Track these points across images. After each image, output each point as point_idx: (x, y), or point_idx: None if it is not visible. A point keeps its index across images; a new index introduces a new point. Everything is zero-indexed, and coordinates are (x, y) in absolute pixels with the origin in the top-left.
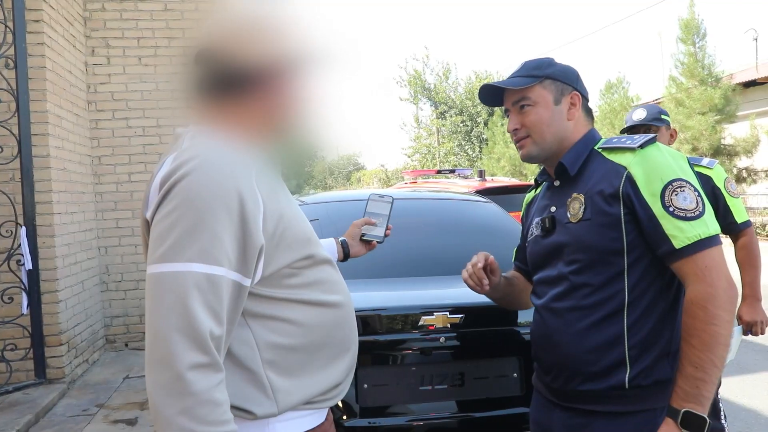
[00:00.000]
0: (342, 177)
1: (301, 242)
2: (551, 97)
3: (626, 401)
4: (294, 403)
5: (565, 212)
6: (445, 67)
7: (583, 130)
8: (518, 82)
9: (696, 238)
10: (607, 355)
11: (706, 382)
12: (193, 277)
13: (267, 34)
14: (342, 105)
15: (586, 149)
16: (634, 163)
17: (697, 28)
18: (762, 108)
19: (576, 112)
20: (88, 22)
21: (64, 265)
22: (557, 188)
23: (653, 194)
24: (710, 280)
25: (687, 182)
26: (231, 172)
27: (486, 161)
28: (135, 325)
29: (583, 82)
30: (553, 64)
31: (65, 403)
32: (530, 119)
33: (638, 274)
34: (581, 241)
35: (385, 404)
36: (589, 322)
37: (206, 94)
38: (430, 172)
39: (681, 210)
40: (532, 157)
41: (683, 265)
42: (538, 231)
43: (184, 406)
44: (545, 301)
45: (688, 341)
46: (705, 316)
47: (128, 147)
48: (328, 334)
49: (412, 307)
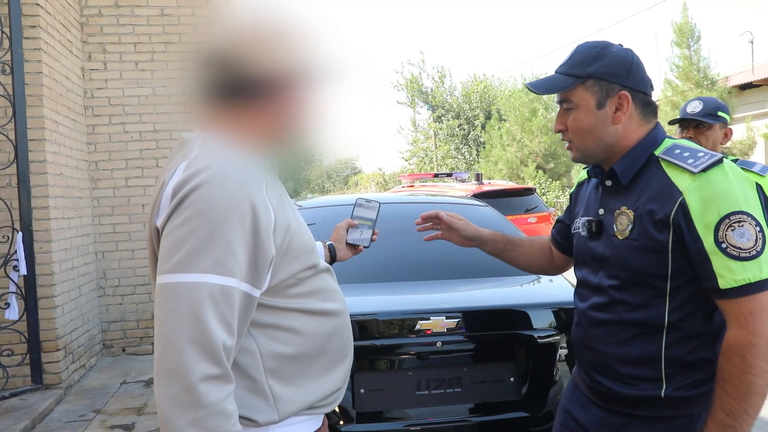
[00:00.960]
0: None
1: (305, 252)
2: (593, 101)
3: (663, 408)
4: (294, 410)
5: (612, 222)
6: (440, 71)
7: (639, 131)
8: (558, 84)
9: (744, 282)
10: (644, 370)
11: (737, 429)
12: (207, 289)
13: (283, 42)
14: (346, 113)
15: (644, 155)
16: (692, 189)
17: (692, 31)
18: (758, 110)
19: (623, 115)
20: (85, 28)
21: (60, 270)
22: (608, 188)
23: (707, 226)
24: (752, 327)
25: (749, 215)
26: (245, 183)
27: (483, 164)
28: (132, 330)
29: (639, 74)
30: (601, 57)
31: (62, 408)
32: (572, 124)
33: (682, 299)
34: (624, 260)
35: (381, 409)
36: (626, 336)
37: (215, 98)
38: (428, 175)
39: (735, 248)
40: (578, 161)
41: (726, 305)
42: (584, 232)
43: (196, 418)
44: (585, 307)
45: (722, 386)
46: (742, 364)
47: (125, 152)
48: (327, 341)
49: (409, 312)
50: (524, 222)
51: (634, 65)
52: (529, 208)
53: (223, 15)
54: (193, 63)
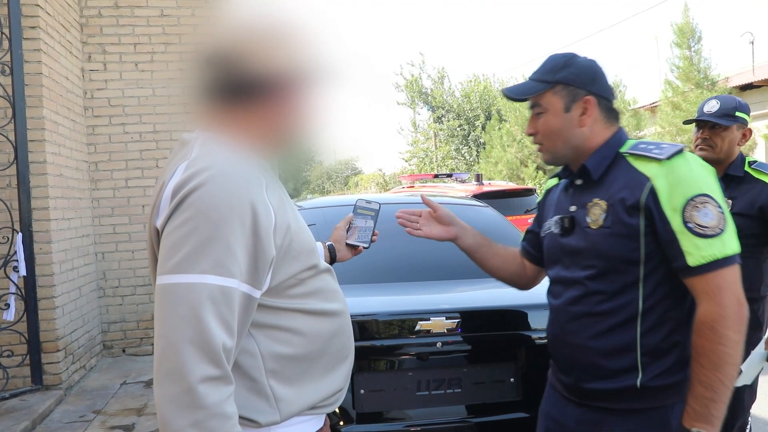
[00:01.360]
0: (339, 181)
1: (306, 253)
2: (561, 104)
3: (638, 399)
4: (296, 411)
5: (585, 215)
6: (440, 72)
7: (604, 134)
8: (529, 89)
9: (711, 258)
10: (620, 360)
11: (716, 402)
12: (207, 289)
13: (283, 42)
14: (346, 114)
15: (611, 153)
16: (659, 175)
17: (692, 32)
18: (759, 111)
19: (588, 118)
20: (85, 28)
21: (60, 271)
22: (579, 187)
23: (674, 209)
24: (720, 300)
25: (710, 198)
26: (245, 183)
27: (483, 165)
28: (132, 330)
29: (602, 82)
30: (569, 65)
31: (62, 409)
32: (541, 127)
33: (654, 284)
34: (598, 248)
35: (382, 410)
36: (602, 327)
37: (215, 98)
38: (428, 176)
39: (700, 227)
40: (549, 163)
41: (695, 282)
42: (556, 229)
43: (195, 419)
44: (561, 302)
45: (697, 360)
46: (714, 336)
47: (125, 153)
48: (328, 342)
49: (409, 312)
50: (524, 222)
51: (598, 74)
52: (529, 209)
53: (223, 15)
54: (193, 63)
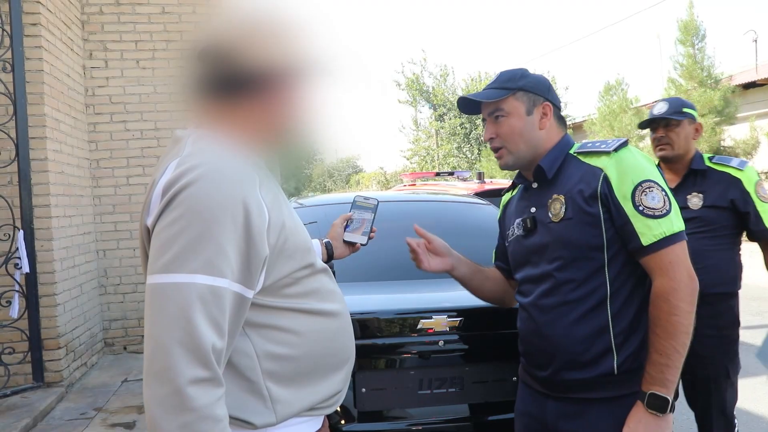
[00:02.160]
0: (341, 179)
1: (301, 252)
2: (523, 108)
3: (616, 386)
4: (292, 412)
5: (546, 212)
6: (442, 70)
7: (557, 137)
8: (492, 95)
9: (661, 235)
10: (596, 344)
11: (670, 367)
12: (196, 289)
13: (275, 37)
14: (343, 110)
15: (562, 154)
16: (609, 166)
17: (697, 29)
18: (762, 110)
19: (547, 121)
20: (86, 26)
21: (62, 268)
22: (535, 190)
23: (625, 195)
24: (672, 274)
25: (655, 183)
26: (237, 181)
27: (485, 163)
28: (133, 328)
29: (554, 93)
30: (525, 76)
31: (63, 406)
32: (504, 129)
33: (618, 267)
34: (564, 238)
35: (383, 408)
36: (576, 315)
37: (208, 94)
38: (429, 174)
39: (649, 209)
40: (509, 166)
41: (649, 260)
42: (519, 231)
43: (184, 422)
44: (532, 299)
45: (653, 330)
46: (668, 308)
47: (126, 150)
48: (326, 343)
49: (411, 311)
50: None
51: (550, 86)
52: None
53: (216, 10)
54: (185, 58)
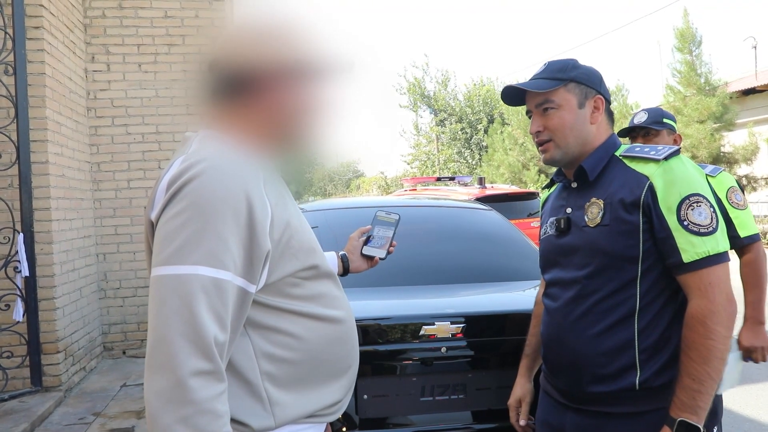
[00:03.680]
0: (342, 184)
1: (305, 252)
2: (575, 101)
3: (637, 402)
4: (291, 417)
5: (583, 215)
6: (444, 75)
7: (605, 134)
8: (543, 85)
9: (705, 254)
10: (618, 359)
11: (702, 394)
12: (199, 281)
13: (281, 40)
14: (347, 114)
15: (607, 155)
16: (657, 174)
17: (693, 36)
18: (761, 116)
19: (599, 116)
20: (89, 29)
21: (61, 272)
22: (574, 190)
23: (670, 207)
24: (711, 296)
25: (704, 198)
26: (240, 176)
27: (486, 168)
28: (133, 332)
29: (606, 86)
30: (577, 66)
31: (62, 411)
32: (554, 122)
33: (651, 281)
34: (596, 245)
35: (385, 415)
36: (601, 326)
37: (217, 98)
38: (430, 179)
39: (695, 225)
40: (555, 161)
41: (688, 278)
42: (552, 230)
43: (184, 414)
44: (559, 304)
45: (686, 353)
46: (704, 331)
47: (127, 154)
48: (328, 349)
49: (413, 317)
50: (527, 226)
51: (602, 78)
52: (532, 213)
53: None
54: (197, 66)
